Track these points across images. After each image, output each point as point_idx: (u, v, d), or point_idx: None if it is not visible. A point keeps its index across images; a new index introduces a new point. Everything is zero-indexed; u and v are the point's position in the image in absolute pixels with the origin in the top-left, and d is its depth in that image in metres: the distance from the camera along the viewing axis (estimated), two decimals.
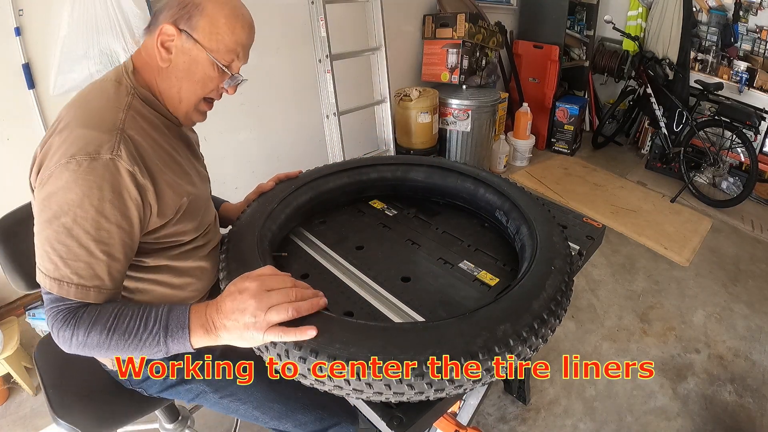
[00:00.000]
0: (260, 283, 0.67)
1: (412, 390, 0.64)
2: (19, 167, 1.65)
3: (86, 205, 0.66)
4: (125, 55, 1.60)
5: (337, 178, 1.18)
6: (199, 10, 0.74)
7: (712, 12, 3.46)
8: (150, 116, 0.78)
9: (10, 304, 1.76)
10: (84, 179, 0.65)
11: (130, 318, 0.67)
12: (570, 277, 0.84)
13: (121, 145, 0.68)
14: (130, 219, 0.70)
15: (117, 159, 0.67)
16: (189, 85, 0.79)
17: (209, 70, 0.78)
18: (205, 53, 0.76)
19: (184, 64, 0.77)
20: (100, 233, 0.67)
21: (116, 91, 0.76)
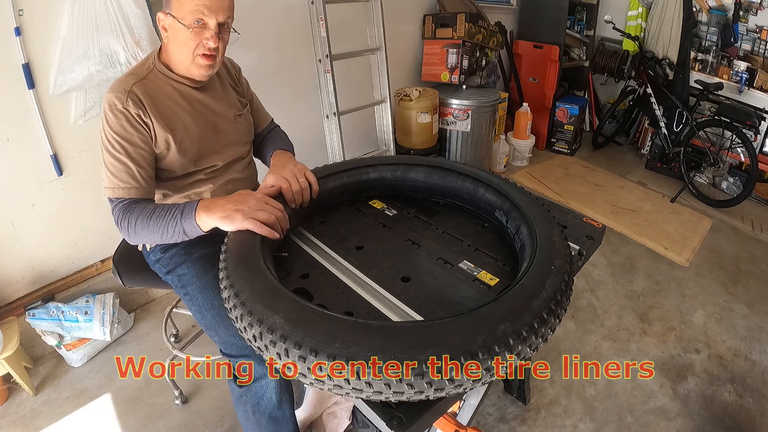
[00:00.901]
0: (263, 197, 0.96)
1: (411, 389, 0.64)
2: (19, 167, 1.65)
3: (116, 137, 1.04)
4: (125, 55, 1.60)
5: (337, 178, 1.18)
6: None
7: (712, 12, 3.46)
8: (166, 81, 1.12)
9: (10, 304, 1.76)
10: (112, 123, 1.04)
11: (161, 209, 0.99)
12: (570, 276, 0.84)
13: (128, 100, 1.04)
14: (146, 141, 1.07)
15: (126, 107, 1.04)
16: (179, 48, 1.08)
17: (185, 33, 1.04)
18: (178, 22, 1.03)
19: (172, 35, 1.07)
20: (129, 152, 1.04)
21: (139, 68, 1.12)
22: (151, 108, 1.06)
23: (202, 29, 1.05)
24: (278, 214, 0.94)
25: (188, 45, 1.05)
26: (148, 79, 1.09)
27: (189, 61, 1.08)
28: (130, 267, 1.35)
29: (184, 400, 1.66)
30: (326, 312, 0.70)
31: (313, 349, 0.65)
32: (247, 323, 0.72)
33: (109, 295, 1.89)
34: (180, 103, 1.13)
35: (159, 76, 1.12)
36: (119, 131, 1.03)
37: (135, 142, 1.05)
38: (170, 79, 1.13)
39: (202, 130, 1.16)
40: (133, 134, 1.04)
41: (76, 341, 1.76)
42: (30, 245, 1.76)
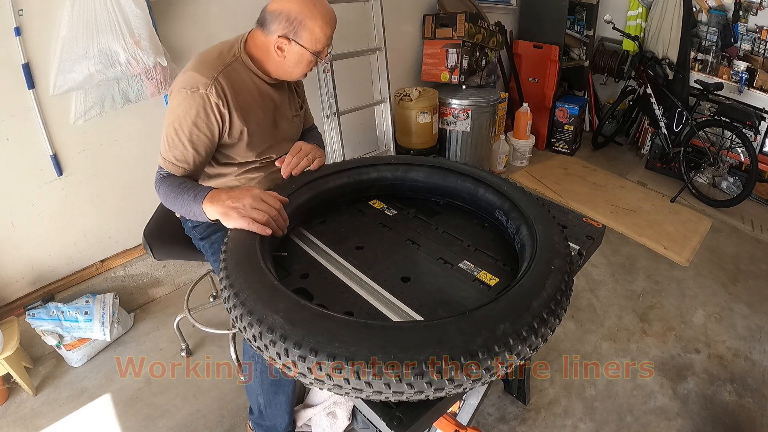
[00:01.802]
0: (261, 194, 0.97)
1: (411, 389, 0.64)
2: (19, 167, 1.65)
3: (187, 117, 1.08)
4: (125, 55, 1.60)
5: (337, 178, 1.18)
6: (302, 26, 1.10)
7: (712, 12, 3.45)
8: (246, 72, 1.18)
9: (10, 304, 1.76)
10: (187, 102, 1.08)
11: (183, 188, 1.05)
12: (570, 276, 0.84)
13: (212, 87, 1.08)
14: (212, 131, 1.12)
15: (209, 94, 1.08)
16: (298, 68, 1.18)
17: (310, 59, 1.17)
18: (308, 52, 1.14)
19: (295, 58, 1.15)
20: (192, 136, 1.10)
21: (226, 53, 1.16)
22: (231, 99, 1.12)
23: (319, 54, 1.18)
24: (272, 213, 0.95)
25: (307, 66, 1.19)
26: (232, 67, 1.14)
27: (295, 75, 1.21)
28: (160, 241, 1.39)
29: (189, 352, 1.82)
30: (326, 312, 0.70)
31: (312, 349, 0.65)
32: (246, 323, 0.72)
33: (109, 295, 1.89)
34: (255, 97, 1.20)
35: (242, 66, 1.17)
36: (191, 114, 1.08)
37: (202, 128, 1.10)
38: (251, 72, 1.19)
39: (269, 124, 1.25)
40: (203, 120, 1.10)
41: (76, 341, 1.76)
42: (30, 245, 1.76)
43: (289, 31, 1.11)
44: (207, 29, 1.98)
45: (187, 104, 1.07)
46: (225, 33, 2.03)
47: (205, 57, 1.15)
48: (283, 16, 1.10)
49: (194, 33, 1.95)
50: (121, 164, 1.91)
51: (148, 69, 1.68)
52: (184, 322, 1.81)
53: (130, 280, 2.04)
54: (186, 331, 1.96)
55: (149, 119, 1.93)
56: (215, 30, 2.00)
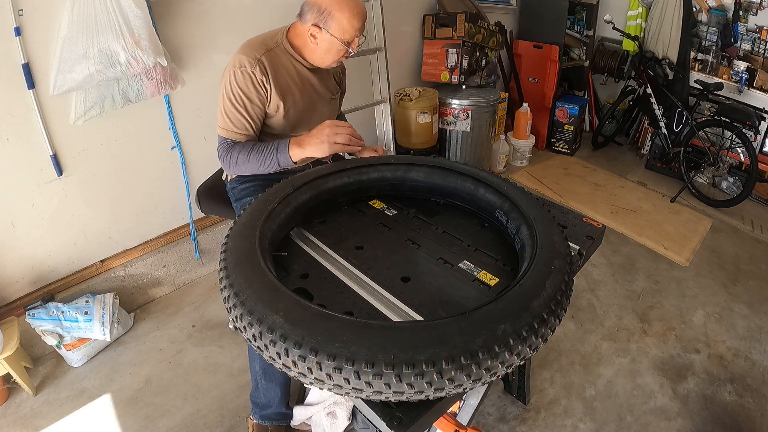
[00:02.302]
0: (333, 123, 1.25)
1: (411, 389, 0.64)
2: (19, 167, 1.65)
3: (240, 92, 1.29)
4: (125, 55, 1.60)
5: (337, 178, 1.18)
6: (331, 16, 1.26)
7: (712, 12, 3.45)
8: (287, 57, 1.36)
9: (10, 304, 1.76)
10: (239, 80, 1.28)
11: (259, 146, 1.29)
12: (570, 276, 0.84)
13: (256, 66, 1.28)
14: (262, 102, 1.33)
15: (254, 72, 1.28)
16: (329, 55, 1.34)
17: (340, 48, 1.32)
18: (337, 41, 1.29)
19: (325, 45, 1.31)
20: (247, 108, 1.30)
21: (269, 40, 1.35)
22: (272, 76, 1.31)
23: (349, 44, 1.33)
24: (350, 131, 1.25)
25: (337, 54, 1.33)
26: (274, 52, 1.33)
27: (328, 63, 1.36)
28: (209, 198, 1.61)
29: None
30: (326, 312, 0.70)
31: (313, 349, 0.65)
32: (246, 323, 0.72)
33: (109, 295, 1.89)
34: (294, 79, 1.37)
35: (283, 52, 1.35)
36: (244, 88, 1.28)
37: (254, 100, 1.30)
38: (291, 57, 1.37)
39: (305, 103, 1.42)
40: (253, 93, 1.29)
41: (76, 341, 1.76)
42: (30, 245, 1.76)
43: (320, 21, 1.27)
44: (207, 29, 1.98)
45: (239, 81, 1.27)
46: (225, 33, 2.04)
47: (250, 43, 1.34)
48: (315, 7, 1.27)
49: (194, 33, 1.95)
50: (121, 164, 1.91)
51: (148, 69, 1.68)
52: (185, 322, 1.81)
53: (130, 280, 2.04)
54: (186, 331, 1.96)
55: (149, 119, 1.93)
56: (215, 30, 2.00)
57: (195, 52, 1.97)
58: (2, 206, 1.66)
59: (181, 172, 2.10)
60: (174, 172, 2.09)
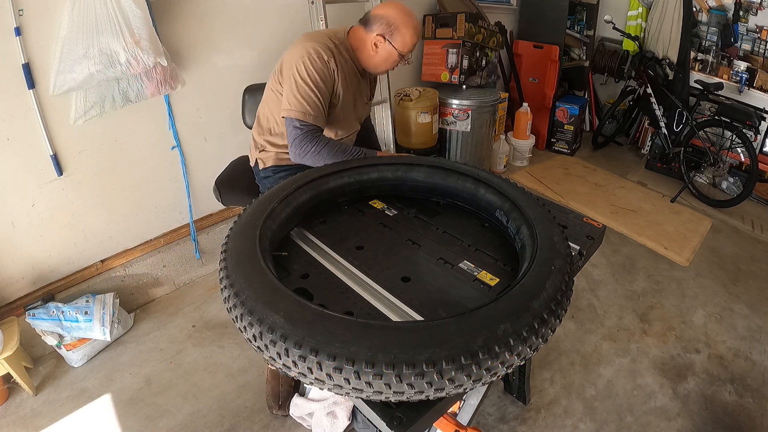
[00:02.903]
0: None
1: (412, 389, 0.64)
2: (19, 167, 1.65)
3: (317, 78, 1.34)
4: (125, 55, 1.60)
5: (337, 178, 1.18)
6: (397, 30, 1.38)
7: (712, 12, 3.45)
8: (346, 57, 1.44)
9: (10, 304, 1.76)
10: (316, 66, 1.33)
11: (347, 147, 1.36)
12: (570, 277, 0.84)
13: (332, 57, 1.36)
14: (329, 89, 1.39)
15: (330, 61, 1.36)
16: (385, 64, 1.46)
17: (396, 59, 1.44)
18: (396, 52, 1.41)
19: (384, 55, 1.42)
20: (321, 92, 1.35)
21: (333, 36, 1.43)
22: (340, 70, 1.40)
23: (403, 57, 1.44)
24: None
25: (392, 64, 1.46)
26: (338, 49, 1.41)
27: (379, 69, 1.48)
28: (229, 189, 1.65)
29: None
30: (326, 312, 0.70)
31: (313, 349, 0.65)
32: (247, 323, 0.72)
33: (109, 295, 1.89)
34: (351, 77, 1.46)
35: (343, 51, 1.43)
36: (320, 75, 1.34)
37: (327, 86, 1.37)
38: (349, 58, 1.45)
39: (351, 101, 1.50)
40: (327, 81, 1.36)
41: (76, 341, 1.76)
42: (30, 245, 1.76)
43: (386, 32, 1.38)
44: (207, 29, 1.98)
45: (316, 67, 1.33)
46: (225, 33, 2.04)
47: (317, 36, 1.41)
48: (384, 20, 1.38)
49: (194, 33, 1.95)
50: (121, 164, 1.91)
51: (148, 69, 1.68)
52: (185, 322, 1.81)
53: (130, 280, 2.04)
54: (186, 331, 1.96)
55: (149, 119, 1.93)
56: (215, 30, 2.00)
57: (195, 52, 1.97)
58: (2, 206, 1.66)
59: (181, 172, 2.10)
60: (174, 172, 2.09)
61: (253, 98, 1.87)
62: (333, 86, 1.39)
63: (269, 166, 1.55)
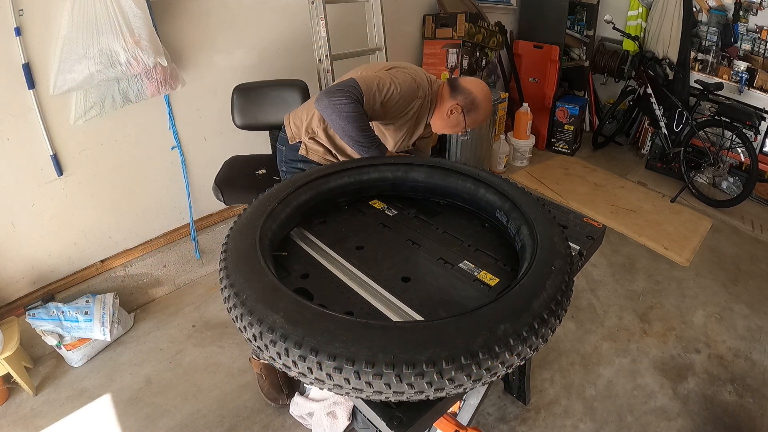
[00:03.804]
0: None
1: (412, 389, 0.64)
2: (19, 167, 1.65)
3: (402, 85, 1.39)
4: (125, 55, 1.60)
5: (338, 178, 1.18)
6: (476, 109, 1.47)
7: (712, 12, 3.45)
8: (425, 103, 1.49)
9: (10, 304, 1.76)
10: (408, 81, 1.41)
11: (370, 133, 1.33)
12: (570, 277, 0.84)
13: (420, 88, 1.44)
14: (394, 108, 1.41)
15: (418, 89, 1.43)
16: (450, 129, 1.52)
17: (461, 130, 1.51)
18: (464, 126, 1.49)
19: (454, 122, 1.49)
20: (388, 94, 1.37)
21: (423, 83, 1.47)
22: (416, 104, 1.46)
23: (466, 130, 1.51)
24: None
25: (453, 131, 1.53)
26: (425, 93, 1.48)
27: (444, 131, 1.55)
28: (230, 188, 1.65)
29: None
30: (326, 312, 0.70)
31: (313, 349, 0.65)
32: (247, 323, 0.72)
33: (109, 295, 1.89)
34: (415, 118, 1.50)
35: (427, 104, 1.49)
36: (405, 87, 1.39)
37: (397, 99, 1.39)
38: (428, 105, 1.51)
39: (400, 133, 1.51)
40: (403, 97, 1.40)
41: (76, 341, 1.76)
42: (30, 245, 1.76)
43: (465, 106, 1.46)
44: (207, 29, 1.98)
45: (407, 81, 1.40)
46: (225, 33, 2.04)
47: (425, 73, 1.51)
48: (469, 96, 1.46)
49: (194, 33, 1.95)
50: (121, 164, 1.91)
51: (148, 69, 1.68)
52: (185, 322, 1.81)
53: (130, 280, 2.04)
54: (186, 331, 1.96)
55: (149, 119, 1.93)
56: (215, 30, 2.00)
57: (195, 52, 1.97)
58: (2, 206, 1.66)
59: (181, 172, 2.10)
60: (174, 172, 2.09)
61: (242, 97, 1.87)
62: (398, 108, 1.40)
63: (313, 159, 1.52)
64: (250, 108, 1.88)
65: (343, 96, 1.26)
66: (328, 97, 1.28)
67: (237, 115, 1.88)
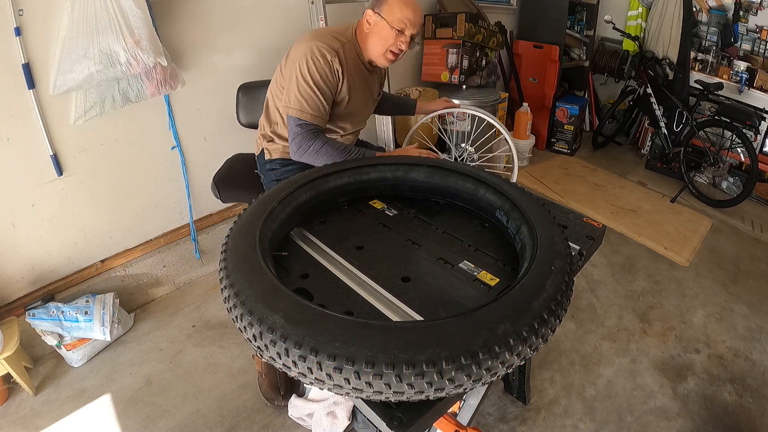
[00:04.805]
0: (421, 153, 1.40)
1: (412, 389, 0.64)
2: (19, 167, 1.65)
3: (319, 77, 1.33)
4: (125, 55, 1.60)
5: (338, 178, 1.18)
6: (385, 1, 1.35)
7: (712, 12, 3.45)
8: (355, 55, 1.43)
9: (10, 304, 1.76)
10: (318, 66, 1.33)
11: (346, 147, 1.36)
12: (570, 277, 0.84)
13: (336, 57, 1.34)
14: (332, 89, 1.38)
15: (333, 61, 1.34)
16: (376, 40, 1.39)
17: (388, 32, 1.36)
18: (388, 26, 1.34)
19: (375, 30, 1.37)
20: (322, 92, 1.35)
21: (342, 33, 1.42)
22: (345, 70, 1.38)
23: (400, 34, 1.36)
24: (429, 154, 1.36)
25: (386, 42, 1.38)
26: (346, 47, 1.39)
27: (379, 53, 1.40)
28: (227, 186, 1.66)
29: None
30: (326, 312, 0.70)
31: (313, 349, 0.65)
32: (247, 323, 0.72)
33: (109, 295, 1.89)
34: (359, 76, 1.45)
35: (352, 49, 1.42)
36: (322, 75, 1.33)
37: (329, 86, 1.36)
38: (357, 55, 1.44)
39: (361, 99, 1.50)
40: (329, 81, 1.35)
41: (76, 341, 1.76)
42: (30, 245, 1.76)
43: (375, 5, 1.36)
44: (207, 29, 1.98)
45: (318, 67, 1.33)
46: (225, 33, 2.04)
47: (323, 34, 1.40)
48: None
49: (194, 33, 1.95)
50: (121, 164, 1.91)
51: (148, 69, 1.68)
52: (185, 322, 1.81)
53: (130, 280, 2.04)
54: (186, 331, 1.96)
55: (149, 119, 1.93)
56: (215, 30, 2.00)
57: (195, 52, 1.97)
58: (2, 206, 1.66)
59: (181, 172, 2.10)
60: (174, 172, 2.09)
61: (247, 96, 1.88)
62: (337, 86, 1.38)
63: (276, 158, 1.55)
64: (254, 107, 1.88)
65: (308, 140, 1.34)
66: (298, 150, 1.36)
67: (242, 113, 1.89)
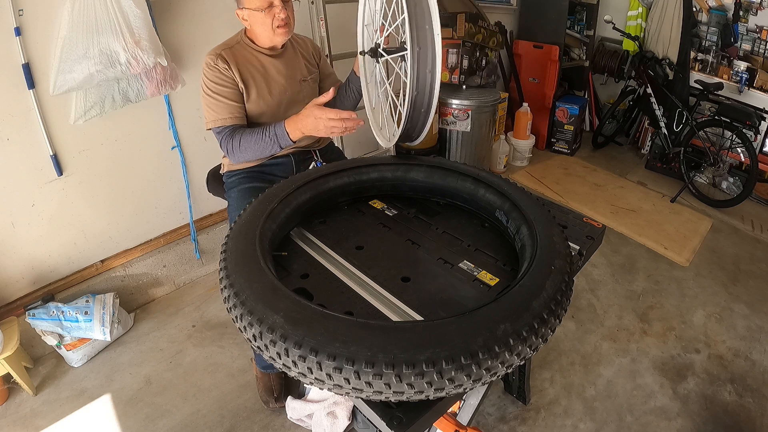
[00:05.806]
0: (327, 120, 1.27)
1: (412, 389, 0.64)
2: (19, 167, 1.65)
3: (213, 84, 1.38)
4: (125, 55, 1.60)
5: (338, 178, 1.18)
6: None
7: (712, 12, 3.45)
8: (248, 51, 1.45)
9: (10, 304, 1.76)
10: (209, 75, 1.39)
11: (258, 130, 1.37)
12: (570, 276, 0.84)
13: (218, 59, 1.38)
14: (234, 85, 1.40)
15: (218, 63, 1.38)
16: (260, 27, 1.40)
17: (260, 15, 1.37)
18: (251, 9, 1.36)
19: (252, 21, 1.40)
20: (223, 94, 1.38)
21: (230, 40, 1.47)
22: (234, 66, 1.40)
23: (271, 8, 1.36)
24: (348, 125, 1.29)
25: (266, 23, 1.38)
26: (234, 48, 1.44)
27: (271, 34, 1.41)
28: (214, 183, 1.70)
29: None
30: (326, 312, 0.70)
31: (313, 349, 0.65)
32: (247, 323, 0.72)
33: (109, 295, 1.89)
34: (257, 67, 1.46)
35: (244, 47, 1.45)
36: (215, 80, 1.38)
37: (228, 86, 1.39)
38: (252, 50, 1.46)
39: (275, 89, 1.49)
40: (225, 81, 1.39)
41: (76, 341, 1.76)
42: (30, 245, 1.76)
43: (238, 3, 1.39)
44: (207, 29, 1.97)
45: (209, 76, 1.38)
46: (225, 33, 2.03)
47: (213, 48, 1.44)
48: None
49: (194, 33, 1.95)
50: (121, 164, 1.91)
51: (148, 69, 1.68)
52: (185, 322, 1.81)
53: (130, 280, 2.04)
54: (186, 331, 1.96)
55: (149, 119, 1.93)
56: (215, 30, 2.00)
57: (195, 52, 1.97)
58: (2, 206, 1.66)
59: (181, 172, 2.10)
60: (174, 172, 2.09)
61: None
62: (234, 82, 1.40)
63: (226, 171, 1.59)
64: None
65: (229, 142, 1.39)
66: (230, 156, 1.42)
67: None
